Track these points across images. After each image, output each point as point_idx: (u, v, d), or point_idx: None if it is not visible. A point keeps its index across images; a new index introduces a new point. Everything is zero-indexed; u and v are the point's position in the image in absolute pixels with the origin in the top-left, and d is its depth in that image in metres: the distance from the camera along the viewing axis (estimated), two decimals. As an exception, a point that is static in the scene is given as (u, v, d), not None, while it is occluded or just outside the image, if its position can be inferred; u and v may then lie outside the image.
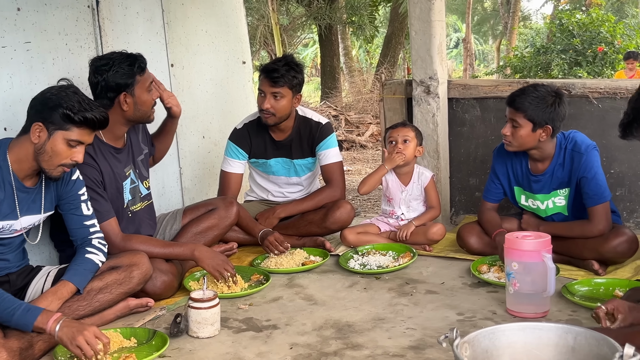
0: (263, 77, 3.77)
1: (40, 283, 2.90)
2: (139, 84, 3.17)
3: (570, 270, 3.37)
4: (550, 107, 3.26)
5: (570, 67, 14.45)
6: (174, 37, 4.26)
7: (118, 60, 3.18)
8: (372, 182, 3.88)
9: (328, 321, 2.91)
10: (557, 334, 1.82)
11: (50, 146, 2.64)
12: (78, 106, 2.63)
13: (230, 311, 3.04)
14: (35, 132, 2.63)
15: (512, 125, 3.33)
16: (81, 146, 2.70)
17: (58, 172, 2.71)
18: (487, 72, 16.84)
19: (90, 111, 2.66)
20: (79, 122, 2.64)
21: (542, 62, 14.85)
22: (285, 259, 3.63)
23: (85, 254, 2.87)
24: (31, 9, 3.40)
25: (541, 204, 3.50)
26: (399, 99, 4.37)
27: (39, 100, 2.69)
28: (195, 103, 4.43)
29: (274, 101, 3.74)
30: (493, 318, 2.87)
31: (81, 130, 2.66)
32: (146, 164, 3.48)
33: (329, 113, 13.78)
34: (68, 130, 2.64)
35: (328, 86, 16.38)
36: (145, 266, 2.98)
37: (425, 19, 4.06)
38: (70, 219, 2.92)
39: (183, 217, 3.64)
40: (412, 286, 3.30)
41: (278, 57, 3.89)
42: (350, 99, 15.90)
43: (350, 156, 12.31)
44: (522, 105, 3.28)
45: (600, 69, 14.16)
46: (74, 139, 2.65)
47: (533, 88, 3.32)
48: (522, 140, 3.33)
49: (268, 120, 3.79)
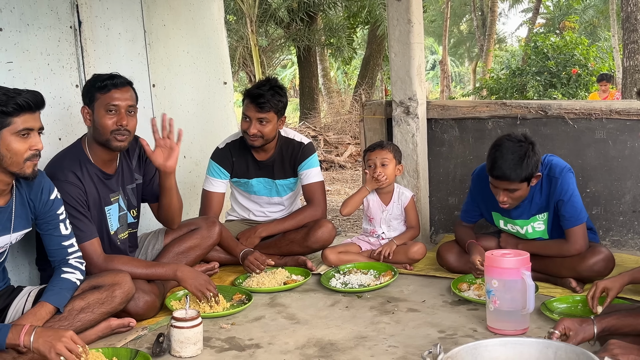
0: (248, 102, 3.77)
1: (21, 304, 2.87)
2: (99, 102, 3.10)
3: (549, 288, 3.42)
4: (533, 158, 3.20)
5: (545, 88, 14.70)
6: (155, 58, 4.29)
7: (96, 77, 3.17)
8: (354, 203, 3.92)
9: (310, 340, 2.92)
10: (537, 349, 1.86)
11: (4, 148, 2.55)
12: (5, 98, 2.53)
13: (212, 330, 3.04)
14: None
15: (509, 192, 3.28)
16: (33, 132, 2.59)
17: (28, 168, 2.61)
18: (464, 93, 17.06)
19: (19, 95, 2.55)
20: (14, 110, 2.54)
21: (518, 84, 15.10)
22: (267, 278, 3.64)
23: (62, 274, 2.84)
24: (13, 29, 3.41)
25: (521, 229, 3.53)
26: (379, 119, 4.43)
27: None
28: (177, 123, 4.34)
29: (260, 126, 3.76)
30: (474, 335, 2.90)
31: (21, 117, 2.55)
32: (138, 193, 3.44)
33: (308, 133, 13.85)
34: (10, 125, 2.54)
35: (307, 107, 16.49)
36: (128, 285, 2.97)
37: (405, 41, 4.13)
38: (48, 239, 2.89)
39: (165, 237, 3.63)
40: (394, 304, 3.32)
41: (261, 81, 3.87)
42: (329, 119, 15.99)
43: (329, 176, 12.36)
44: (513, 174, 3.18)
45: (575, 91, 14.42)
46: (20, 129, 2.56)
47: (509, 152, 3.18)
48: (520, 197, 3.32)
49: (254, 144, 3.81)
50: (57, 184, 2.96)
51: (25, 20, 3.47)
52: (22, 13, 3.45)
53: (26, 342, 2.40)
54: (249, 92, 3.80)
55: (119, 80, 3.12)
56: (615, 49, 16.38)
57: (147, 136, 3.93)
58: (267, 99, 3.73)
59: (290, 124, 15.64)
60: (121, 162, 3.35)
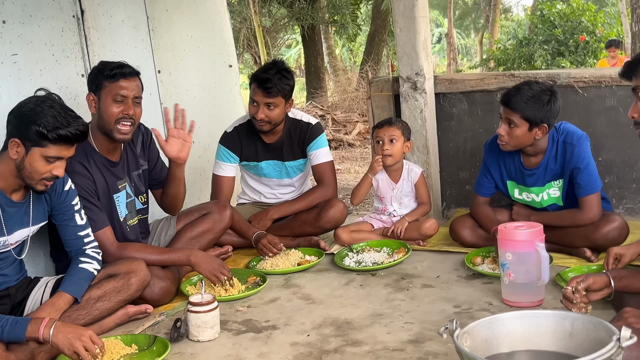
0: (256, 86, 3.74)
1: (39, 294, 2.90)
2: (106, 90, 3.10)
3: (563, 258, 3.41)
4: (547, 106, 3.26)
5: (553, 57, 14.57)
6: (159, 44, 4.27)
7: (104, 64, 3.18)
8: (362, 191, 3.92)
9: (327, 319, 2.93)
10: (554, 321, 1.85)
11: (28, 162, 2.59)
12: (53, 122, 2.55)
13: (229, 314, 3.06)
14: (13, 148, 2.59)
15: (508, 124, 3.32)
16: (61, 161, 2.64)
17: (41, 186, 2.66)
18: (471, 65, 16.94)
19: (66, 127, 2.57)
20: (54, 140, 2.57)
21: (525, 54, 14.97)
22: (280, 259, 3.65)
23: (79, 263, 2.87)
24: (16, 21, 3.40)
25: (536, 197, 3.53)
26: (387, 96, 4.41)
27: (15, 115, 2.63)
28: (184, 108, 4.43)
29: (268, 111, 3.74)
30: (489, 309, 2.90)
31: (58, 146, 2.59)
32: (144, 179, 3.45)
33: (316, 113, 13.80)
34: (45, 147, 2.57)
35: (313, 86, 16.41)
36: (143, 273, 2.99)
37: (410, 15, 4.09)
38: (64, 230, 2.92)
39: (177, 222, 3.65)
40: (408, 281, 3.33)
41: (268, 64, 3.83)
42: (336, 98, 15.92)
43: (339, 155, 12.33)
44: (519, 105, 3.26)
45: (583, 58, 14.29)
46: (51, 156, 2.60)
47: (528, 87, 3.29)
48: (518, 140, 3.33)
49: (263, 128, 3.80)
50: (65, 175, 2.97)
51: (27, 11, 3.46)
52: (24, 4, 3.44)
53: (45, 336, 2.43)
54: (256, 77, 3.77)
55: (127, 70, 3.12)
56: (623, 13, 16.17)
57: (154, 123, 3.94)
58: (275, 83, 3.70)
59: (298, 105, 15.59)
60: (125, 149, 3.35)
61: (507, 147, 3.41)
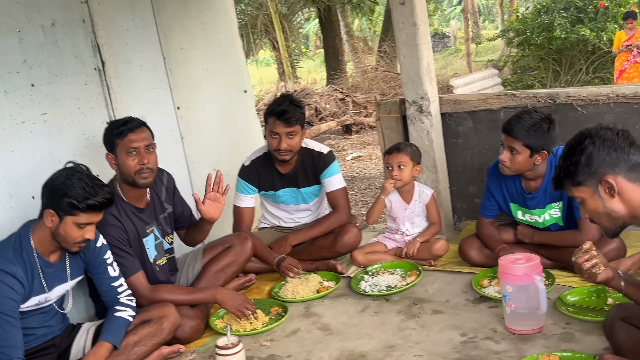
0: (274, 119, 3.96)
1: (82, 342, 3.22)
2: (119, 147, 3.38)
3: (566, 277, 3.61)
4: (546, 134, 3.48)
5: (573, 25, 14.42)
6: (177, 81, 4.51)
7: (112, 124, 3.46)
8: (376, 212, 4.15)
9: (343, 352, 3.19)
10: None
11: (62, 229, 2.90)
12: (82, 194, 2.85)
13: (254, 349, 3.34)
14: (48, 217, 2.90)
15: (510, 151, 3.54)
16: (91, 226, 2.95)
17: (75, 248, 2.99)
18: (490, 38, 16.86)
19: (94, 197, 2.88)
20: (85, 209, 2.87)
21: (544, 23, 14.85)
22: (300, 286, 3.92)
23: (115, 312, 3.18)
24: (44, 82, 3.68)
25: (538, 218, 3.73)
26: (395, 118, 4.61)
27: (48, 189, 2.93)
28: (204, 139, 4.70)
29: (289, 140, 3.98)
30: (493, 337, 3.13)
31: (88, 214, 2.90)
32: (170, 221, 3.74)
33: (336, 97, 13.95)
34: (76, 216, 2.88)
35: (332, 67, 16.56)
36: (174, 317, 3.29)
37: (412, 43, 4.27)
38: (99, 282, 3.23)
39: (203, 257, 3.93)
40: (419, 307, 3.57)
41: (279, 99, 4.06)
42: (356, 79, 16.04)
43: (360, 141, 12.49)
44: (520, 134, 3.48)
45: (603, 24, 14.13)
46: (82, 222, 2.90)
47: (528, 116, 3.50)
48: (519, 165, 3.55)
49: (285, 158, 4.04)
50: (100, 227, 3.25)
51: (53, 71, 3.73)
52: (49, 65, 3.71)
53: None
54: (273, 111, 3.98)
55: (133, 124, 3.37)
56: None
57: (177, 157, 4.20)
58: (292, 113, 3.94)
59: (318, 89, 15.72)
60: (152, 195, 3.63)
61: (508, 172, 3.62)
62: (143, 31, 4.27)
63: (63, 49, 3.77)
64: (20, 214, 3.41)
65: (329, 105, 13.28)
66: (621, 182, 2.28)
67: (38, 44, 3.63)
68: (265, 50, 28.84)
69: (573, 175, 2.35)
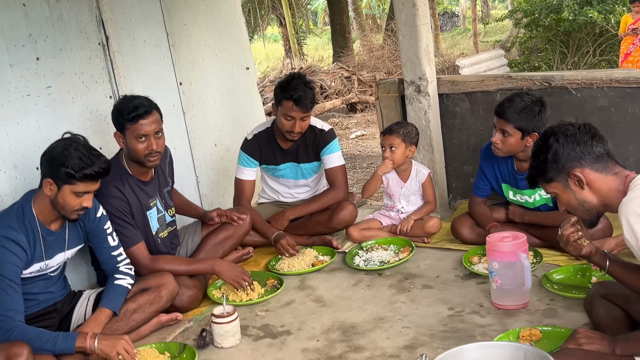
0: (292, 105, 4.00)
1: (83, 308, 3.35)
2: (129, 131, 3.43)
3: (553, 255, 3.71)
4: (538, 116, 3.59)
5: (581, 7, 14.35)
6: (180, 57, 4.59)
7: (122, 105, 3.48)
8: (372, 187, 4.24)
9: (335, 323, 3.31)
10: (511, 351, 2.20)
11: (61, 198, 3.00)
12: (79, 163, 2.94)
13: (249, 318, 3.46)
14: (47, 186, 3.00)
15: (502, 134, 3.64)
16: (88, 194, 3.05)
17: (74, 216, 3.09)
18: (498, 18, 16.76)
19: (90, 167, 2.97)
20: (81, 178, 2.97)
21: (553, 4, 14.78)
22: (296, 259, 4.03)
23: (115, 280, 3.30)
24: (49, 56, 3.76)
25: (529, 198, 3.83)
26: (394, 97, 4.68)
27: (47, 158, 3.03)
28: (206, 115, 4.79)
29: (302, 123, 4.09)
30: (479, 311, 3.24)
31: (85, 183, 2.99)
32: (171, 195, 3.85)
33: (342, 74, 13.98)
34: (74, 185, 2.98)
35: (339, 45, 16.54)
36: (172, 286, 3.41)
37: (411, 24, 4.33)
38: (99, 251, 3.35)
39: (202, 229, 4.05)
40: (410, 281, 3.68)
41: (293, 81, 4.03)
42: (362, 57, 16.03)
43: (364, 119, 12.54)
44: (512, 117, 3.58)
45: (612, 7, 14.07)
46: (80, 191, 3.00)
47: (520, 99, 3.60)
48: (511, 147, 3.65)
49: (294, 138, 4.15)
50: (103, 198, 3.38)
51: (58, 45, 3.81)
52: (55, 40, 3.79)
53: (91, 346, 2.89)
54: (291, 96, 3.99)
55: (143, 110, 3.41)
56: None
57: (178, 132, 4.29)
58: (309, 99, 4.03)
59: (324, 67, 15.75)
60: (156, 170, 3.72)
61: (500, 154, 3.72)
62: (147, 7, 4.34)
63: (68, 24, 3.85)
64: (24, 184, 3.52)
65: (335, 83, 13.31)
66: (588, 173, 2.41)
67: (43, 18, 3.72)
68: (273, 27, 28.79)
69: (544, 173, 2.49)
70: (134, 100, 3.45)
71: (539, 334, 2.84)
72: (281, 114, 4.08)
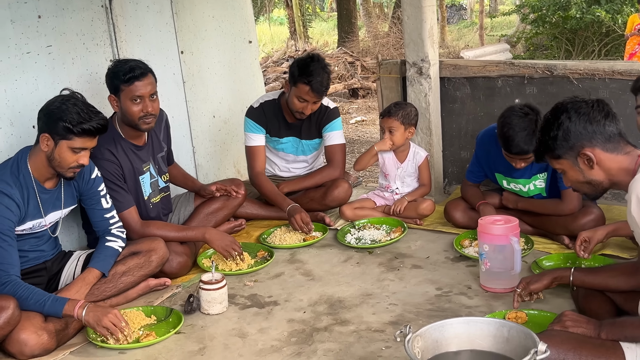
0: (309, 90, 3.95)
1: (72, 268, 3.34)
2: (123, 93, 3.42)
3: (545, 243, 3.72)
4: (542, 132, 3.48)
5: (589, 5, 14.30)
6: (182, 26, 4.57)
7: (117, 67, 3.46)
8: (365, 161, 4.24)
9: (322, 297, 3.32)
10: (495, 327, 2.20)
11: (57, 154, 2.98)
12: (77, 118, 2.93)
13: (237, 288, 3.47)
14: (44, 142, 2.98)
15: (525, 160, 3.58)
16: (85, 151, 3.03)
17: (70, 173, 3.06)
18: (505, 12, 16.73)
19: (88, 122, 2.95)
20: (79, 133, 2.95)
21: (561, 1, 14.73)
22: (288, 234, 4.03)
23: (106, 242, 3.29)
24: (50, 15, 3.73)
25: (523, 187, 3.82)
26: (395, 78, 4.66)
27: (44, 113, 3.01)
28: (205, 86, 4.77)
29: (314, 106, 4.09)
30: (467, 293, 3.25)
31: (82, 138, 2.97)
32: (166, 160, 3.84)
33: (345, 59, 13.92)
34: (71, 140, 2.96)
35: (345, 30, 16.46)
36: (162, 251, 3.41)
37: (416, 4, 4.31)
38: (92, 213, 3.34)
39: (195, 200, 4.04)
40: (400, 261, 3.69)
41: (314, 64, 3.97)
42: (368, 43, 15.96)
43: (365, 105, 12.51)
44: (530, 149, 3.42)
45: (620, 7, 14.01)
46: (77, 147, 2.98)
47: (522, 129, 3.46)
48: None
49: (303, 118, 4.14)
50: (95, 161, 3.36)
51: (60, 5, 3.78)
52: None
53: (79, 315, 2.88)
54: (309, 81, 3.94)
55: (139, 72, 3.40)
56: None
57: (177, 101, 4.28)
58: (325, 85, 4.00)
59: (328, 51, 15.69)
60: (150, 134, 3.71)
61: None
62: (152, -28, 4.32)
63: (71, -17, 3.83)
64: (20, 141, 3.50)
65: (338, 67, 13.26)
66: (599, 153, 2.33)
67: (46, -24, 3.69)
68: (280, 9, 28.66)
69: (552, 150, 2.40)
70: (129, 62, 3.44)
71: (525, 316, 2.85)
72: (295, 95, 4.04)
